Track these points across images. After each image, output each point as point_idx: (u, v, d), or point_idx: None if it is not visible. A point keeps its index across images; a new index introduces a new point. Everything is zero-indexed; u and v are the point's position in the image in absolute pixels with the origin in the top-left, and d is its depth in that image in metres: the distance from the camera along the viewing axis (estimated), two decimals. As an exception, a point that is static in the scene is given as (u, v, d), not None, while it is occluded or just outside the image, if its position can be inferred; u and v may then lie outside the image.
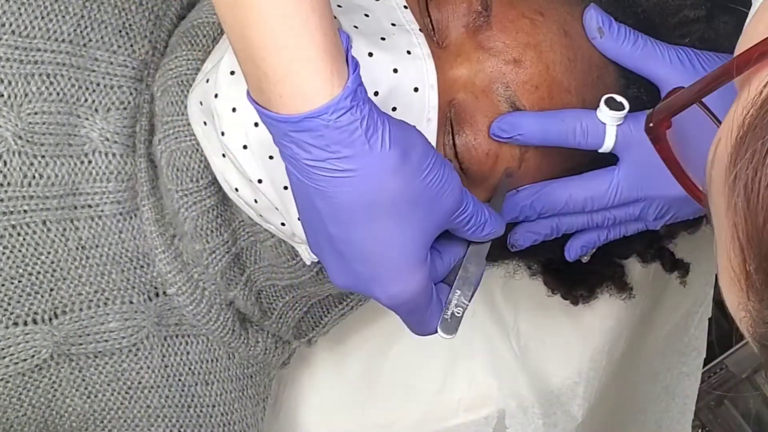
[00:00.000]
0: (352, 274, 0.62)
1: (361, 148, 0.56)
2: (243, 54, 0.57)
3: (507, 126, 0.68)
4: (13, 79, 0.70)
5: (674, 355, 1.07)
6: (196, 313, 0.77)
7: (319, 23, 0.55)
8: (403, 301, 0.63)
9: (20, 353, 0.71)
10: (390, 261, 0.61)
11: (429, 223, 0.61)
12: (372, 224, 0.59)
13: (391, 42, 0.66)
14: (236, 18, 0.56)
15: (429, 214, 0.60)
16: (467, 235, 0.66)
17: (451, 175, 0.61)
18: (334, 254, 0.62)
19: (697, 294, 1.05)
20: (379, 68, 0.65)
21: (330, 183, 0.57)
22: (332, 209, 0.59)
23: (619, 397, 1.04)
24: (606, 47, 0.71)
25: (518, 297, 0.97)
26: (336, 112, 0.55)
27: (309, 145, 0.56)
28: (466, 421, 0.96)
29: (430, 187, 0.60)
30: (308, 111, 0.55)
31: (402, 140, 0.58)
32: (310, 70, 0.55)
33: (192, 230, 0.74)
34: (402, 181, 0.58)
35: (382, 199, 0.58)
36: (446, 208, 0.61)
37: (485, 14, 0.69)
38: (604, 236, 0.75)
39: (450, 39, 0.70)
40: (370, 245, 0.60)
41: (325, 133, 0.55)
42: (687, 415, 1.08)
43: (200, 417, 0.79)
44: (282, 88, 0.55)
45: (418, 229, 0.60)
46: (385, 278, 0.61)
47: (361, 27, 0.66)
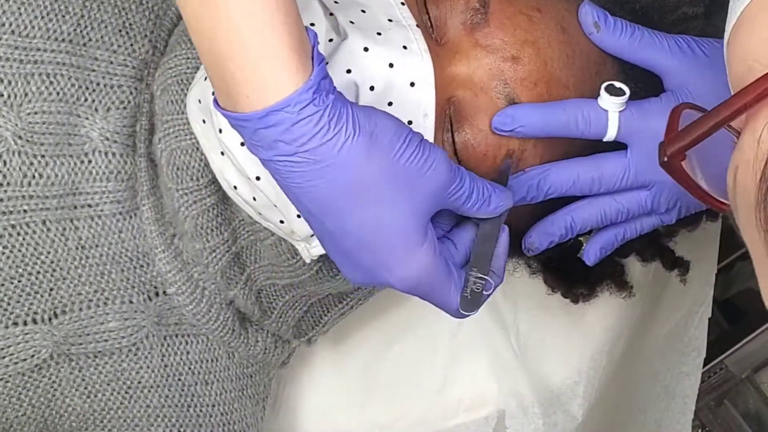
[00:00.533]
0: (360, 266, 0.63)
1: (328, 138, 0.57)
2: (209, 56, 0.58)
3: (508, 119, 0.68)
4: (12, 79, 0.70)
5: (674, 355, 1.07)
6: (196, 312, 0.77)
7: (284, 21, 0.56)
8: (415, 283, 0.63)
9: (20, 353, 0.71)
10: (388, 244, 0.61)
11: (418, 201, 0.61)
12: (359, 211, 0.60)
13: (387, 37, 0.66)
14: (202, 19, 0.57)
15: (415, 192, 0.60)
16: (474, 212, 0.66)
17: (432, 151, 0.61)
18: (339, 250, 0.63)
19: (697, 294, 1.05)
20: (375, 63, 0.65)
21: (305, 177, 0.58)
22: (317, 204, 0.59)
23: (619, 397, 1.04)
24: (604, 41, 0.71)
25: (518, 296, 0.97)
26: (299, 104, 0.56)
27: (277, 142, 0.57)
28: (466, 421, 0.96)
29: (409, 166, 0.60)
30: (271, 105, 0.56)
31: (369, 125, 0.58)
32: (274, 66, 0.56)
33: (192, 229, 0.74)
34: (376, 165, 0.59)
35: (361, 185, 0.59)
36: (434, 184, 0.61)
37: (483, 11, 0.69)
38: (621, 235, 0.74)
39: (448, 36, 0.70)
40: (365, 232, 0.60)
41: (290, 126, 0.56)
42: (687, 415, 1.08)
43: (200, 417, 0.79)
44: (247, 87, 0.56)
45: (407, 208, 0.60)
46: (390, 262, 0.62)
47: (358, 22, 0.67)
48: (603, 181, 0.71)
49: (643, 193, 0.72)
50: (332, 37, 0.66)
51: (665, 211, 0.73)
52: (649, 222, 0.74)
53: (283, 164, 0.58)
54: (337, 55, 0.65)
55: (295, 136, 0.56)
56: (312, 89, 0.56)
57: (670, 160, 0.47)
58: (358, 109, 0.58)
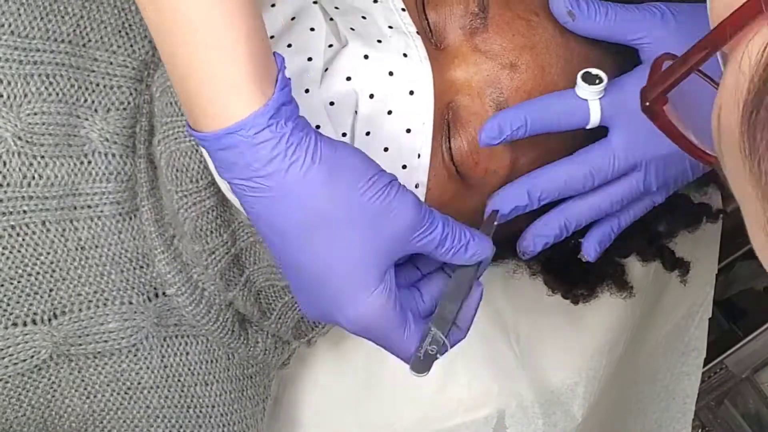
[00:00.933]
0: (313, 301, 0.62)
1: (282, 166, 0.56)
2: (173, 72, 0.58)
3: (494, 132, 0.67)
4: (12, 80, 0.70)
5: (674, 355, 1.07)
6: (196, 313, 0.77)
7: (246, 44, 0.56)
8: (365, 327, 0.62)
9: (19, 354, 0.71)
10: (339, 283, 0.60)
11: (377, 243, 0.59)
12: (312, 244, 0.59)
13: (387, 45, 0.66)
14: (164, 34, 0.57)
15: (373, 234, 0.59)
16: (449, 258, 0.63)
17: (400, 193, 0.60)
18: (294, 281, 0.62)
19: (697, 294, 1.05)
20: (375, 71, 0.65)
21: (257, 203, 0.58)
22: (272, 231, 0.59)
23: (619, 397, 1.04)
24: (581, 28, 0.70)
25: (518, 297, 0.97)
26: (253, 128, 0.55)
27: (232, 164, 0.57)
28: (466, 421, 0.96)
29: (370, 206, 0.59)
30: (226, 127, 0.55)
31: (333, 157, 0.57)
32: (232, 89, 0.56)
33: (191, 231, 0.74)
34: (332, 200, 0.58)
35: (314, 218, 0.58)
36: (397, 227, 0.60)
37: (482, 16, 0.70)
38: (616, 226, 0.74)
39: (447, 41, 0.70)
40: (317, 267, 0.60)
41: (244, 150, 0.56)
42: (687, 415, 1.08)
43: (200, 417, 0.79)
44: (207, 107, 0.56)
45: (363, 249, 0.59)
46: (340, 301, 0.61)
47: (358, 29, 0.67)
48: (595, 174, 0.70)
49: (633, 176, 0.71)
50: (332, 42, 0.66)
51: (656, 191, 0.72)
52: (641, 206, 0.74)
53: (240, 187, 0.58)
54: (338, 62, 0.65)
55: (250, 160, 0.56)
56: (268, 115, 0.56)
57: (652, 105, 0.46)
58: (322, 140, 0.58)
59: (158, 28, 0.57)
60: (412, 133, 0.67)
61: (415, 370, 0.63)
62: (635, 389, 1.07)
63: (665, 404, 1.08)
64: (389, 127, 0.67)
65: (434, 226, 0.62)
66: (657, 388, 1.07)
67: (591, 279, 0.86)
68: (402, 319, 0.62)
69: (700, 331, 1.07)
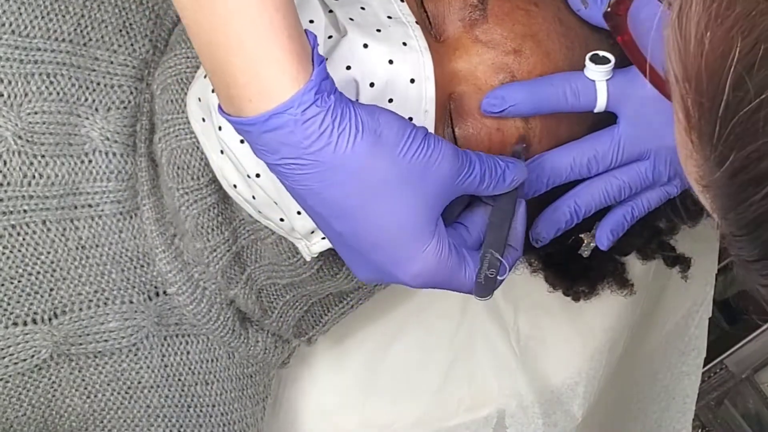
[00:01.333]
0: (371, 265, 0.62)
1: (333, 139, 0.56)
2: (210, 62, 0.58)
3: (497, 100, 0.68)
4: (13, 79, 0.70)
5: (674, 355, 1.07)
6: (196, 312, 0.77)
7: (283, 24, 0.56)
8: (429, 279, 0.62)
9: (20, 353, 0.71)
10: (398, 242, 0.60)
11: (428, 195, 0.60)
12: (367, 210, 0.59)
13: (386, 34, 0.66)
14: (201, 24, 0.56)
15: (424, 186, 0.60)
16: (490, 191, 0.64)
17: (437, 143, 0.60)
18: (349, 250, 0.62)
19: (697, 294, 1.05)
20: (375, 60, 0.65)
21: (312, 179, 0.58)
22: (325, 205, 0.59)
23: (619, 397, 1.04)
24: (593, 16, 0.70)
25: (518, 296, 0.97)
26: (301, 105, 0.55)
27: (282, 144, 0.56)
28: (466, 420, 0.96)
29: (415, 161, 0.59)
30: (274, 107, 0.55)
31: (372, 123, 0.58)
32: (275, 69, 0.56)
33: (193, 228, 0.74)
34: (383, 162, 0.58)
35: (367, 184, 0.58)
36: (442, 175, 0.61)
37: (481, 7, 0.70)
38: (629, 214, 0.73)
39: (447, 33, 0.70)
40: (374, 232, 0.60)
41: (294, 128, 0.56)
42: (687, 415, 1.08)
43: (200, 417, 0.79)
44: (249, 91, 0.56)
45: (416, 204, 0.60)
46: (402, 260, 0.61)
47: (357, 19, 0.67)
48: (599, 159, 0.70)
49: (642, 164, 0.71)
50: (331, 33, 0.66)
51: (668, 182, 0.72)
52: (655, 196, 0.73)
53: (290, 167, 0.57)
54: (337, 51, 0.65)
55: (300, 138, 0.56)
56: (314, 90, 0.56)
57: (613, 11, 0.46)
58: (360, 108, 0.58)
59: (194, 15, 0.57)
60: (414, 121, 0.67)
61: (478, 295, 0.64)
62: (635, 389, 1.07)
63: (665, 404, 1.08)
64: None
65: (473, 166, 0.62)
66: (657, 388, 1.07)
67: (591, 276, 0.86)
68: (459, 259, 0.63)
69: (700, 331, 1.07)
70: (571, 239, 0.82)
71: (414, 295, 0.94)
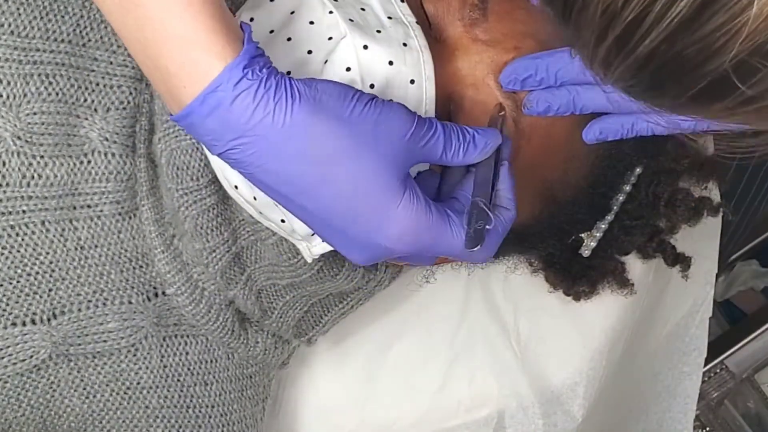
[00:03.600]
0: (355, 241, 0.61)
1: (270, 109, 0.56)
2: (146, 61, 0.58)
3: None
4: (12, 80, 0.70)
5: (675, 355, 1.06)
6: (196, 313, 0.77)
7: (204, 7, 0.57)
8: (413, 239, 0.61)
9: (19, 354, 0.71)
10: (367, 204, 0.60)
11: (385, 153, 0.59)
12: (327, 178, 0.59)
13: (386, 35, 0.66)
14: (129, 25, 0.58)
15: (377, 146, 0.59)
16: (461, 159, 0.64)
17: (386, 103, 0.60)
18: (329, 229, 0.62)
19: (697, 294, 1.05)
20: (375, 61, 0.65)
21: (261, 157, 0.58)
22: (284, 182, 0.59)
23: (620, 397, 1.04)
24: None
25: (518, 297, 0.97)
26: (231, 80, 0.56)
27: (223, 126, 0.57)
28: (466, 421, 0.96)
29: (363, 122, 0.59)
30: (206, 87, 0.56)
31: (310, 91, 0.58)
32: (200, 49, 0.56)
33: (192, 229, 0.74)
34: (327, 127, 0.58)
35: (318, 151, 0.58)
36: (396, 133, 0.60)
37: (481, 7, 0.70)
38: (628, 125, 0.70)
39: (447, 33, 0.70)
40: (343, 200, 0.59)
41: (229, 106, 0.56)
42: (688, 415, 1.08)
43: (199, 417, 0.78)
44: (182, 77, 0.57)
45: (374, 163, 0.59)
46: (376, 224, 0.60)
47: (357, 20, 0.67)
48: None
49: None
50: (332, 35, 0.66)
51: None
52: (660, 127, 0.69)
53: (238, 150, 0.57)
54: (337, 53, 0.65)
55: (237, 114, 0.56)
56: (242, 64, 0.56)
57: None
58: (297, 80, 0.58)
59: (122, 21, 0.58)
60: None
61: (469, 246, 0.63)
62: (636, 389, 1.07)
63: (666, 404, 1.08)
64: None
65: (433, 128, 0.62)
66: (658, 388, 1.07)
67: (592, 276, 0.86)
68: (442, 217, 0.62)
69: (700, 331, 1.06)
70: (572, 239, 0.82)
71: (414, 295, 0.94)
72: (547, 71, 0.68)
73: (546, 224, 0.76)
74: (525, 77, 0.68)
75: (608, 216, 0.81)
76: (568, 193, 0.75)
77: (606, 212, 0.81)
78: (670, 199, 0.81)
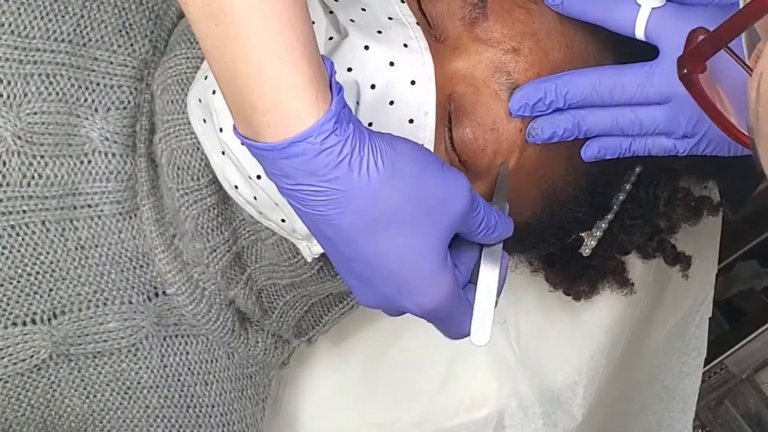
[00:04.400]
0: (378, 293, 0.62)
1: (350, 168, 0.56)
2: (229, 86, 0.57)
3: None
4: (12, 79, 0.70)
5: (675, 355, 1.07)
6: (196, 312, 0.77)
7: (304, 52, 0.56)
8: (434, 308, 0.62)
9: (19, 353, 0.71)
10: (411, 272, 0.60)
11: (440, 228, 0.60)
12: (381, 241, 0.59)
13: (387, 35, 0.66)
14: (222, 51, 0.56)
15: (439, 218, 0.60)
16: (478, 238, 0.65)
17: (455, 177, 0.61)
18: (356, 276, 0.62)
19: (697, 294, 1.05)
20: (376, 61, 0.65)
21: (326, 206, 0.57)
22: (338, 233, 0.59)
23: (620, 397, 1.04)
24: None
25: (518, 297, 0.97)
26: (321, 135, 0.55)
27: (298, 171, 0.56)
28: (466, 421, 0.96)
29: (432, 193, 0.59)
30: (294, 136, 0.55)
31: (390, 152, 0.58)
32: (295, 96, 0.55)
33: (193, 229, 0.74)
34: (400, 193, 0.58)
35: (383, 215, 0.58)
36: (457, 209, 0.61)
37: (481, 6, 0.70)
38: (626, 145, 0.71)
39: (447, 32, 0.70)
40: (386, 262, 0.60)
41: (312, 158, 0.56)
42: (688, 415, 1.08)
43: (199, 417, 0.79)
44: (269, 117, 0.56)
45: (431, 235, 0.60)
46: (412, 290, 0.61)
47: (358, 21, 0.67)
48: (625, 87, 0.68)
49: (663, 108, 0.68)
50: (332, 35, 0.66)
51: (681, 138, 0.70)
52: (661, 144, 0.71)
53: (306, 193, 0.57)
54: (338, 53, 0.65)
55: (318, 166, 0.56)
56: (333, 120, 0.56)
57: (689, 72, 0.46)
58: (378, 137, 0.58)
59: (215, 41, 0.56)
60: (414, 123, 0.67)
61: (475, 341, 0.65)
62: (635, 389, 1.07)
63: (666, 404, 1.08)
64: (391, 117, 0.67)
65: (478, 208, 0.63)
66: (657, 388, 1.07)
67: (592, 275, 0.86)
68: (459, 296, 0.63)
69: (700, 331, 1.06)
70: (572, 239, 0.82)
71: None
72: (556, 94, 0.68)
73: (546, 223, 0.77)
74: (535, 102, 0.68)
75: (608, 215, 0.81)
76: (568, 192, 0.75)
77: (606, 211, 0.81)
78: (670, 198, 0.81)
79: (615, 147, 0.71)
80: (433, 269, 0.61)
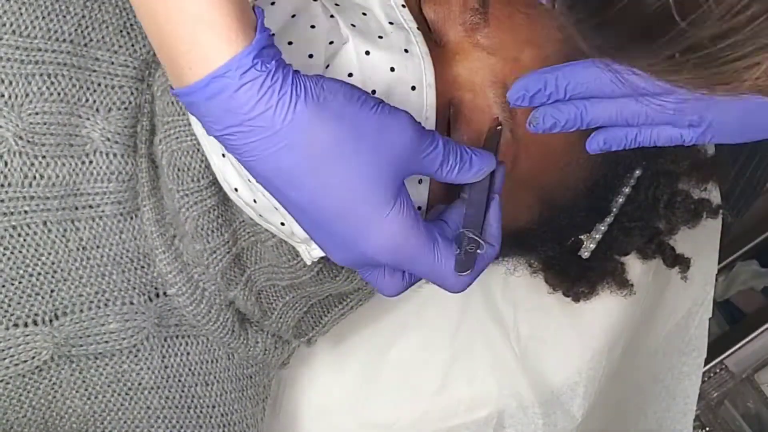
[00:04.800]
0: (337, 240, 0.61)
1: (273, 103, 0.56)
2: (155, 36, 0.58)
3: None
4: (14, 79, 0.70)
5: (675, 355, 1.07)
6: (196, 313, 0.77)
7: None
8: (393, 249, 0.60)
9: (20, 355, 0.71)
10: (355, 209, 0.59)
11: (381, 162, 0.59)
12: (319, 176, 0.58)
13: (388, 41, 0.66)
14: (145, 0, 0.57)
15: (376, 153, 0.59)
16: (454, 177, 0.63)
17: (393, 112, 0.59)
18: (313, 226, 0.61)
19: (697, 294, 1.05)
20: (376, 67, 0.65)
21: (258, 147, 0.57)
22: (277, 175, 0.58)
23: (619, 397, 1.04)
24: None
25: (518, 297, 0.97)
26: (239, 69, 0.55)
27: (224, 111, 0.56)
28: (466, 421, 0.96)
29: (366, 128, 0.58)
30: (213, 70, 0.55)
31: (316, 89, 0.57)
32: (213, 34, 0.55)
33: (193, 230, 0.74)
34: (329, 127, 0.57)
35: (316, 149, 0.57)
36: (398, 145, 0.59)
37: (482, 11, 0.70)
38: (632, 136, 0.70)
39: (448, 37, 0.70)
40: (333, 200, 0.59)
41: (233, 93, 0.55)
42: (688, 415, 1.08)
43: (200, 417, 0.79)
44: (189, 57, 0.56)
45: (373, 169, 0.59)
46: (362, 230, 0.60)
47: (359, 25, 0.67)
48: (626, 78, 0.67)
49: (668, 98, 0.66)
50: (333, 39, 0.66)
51: (687, 127, 0.68)
52: (666, 134, 0.69)
53: (235, 137, 0.57)
54: (339, 58, 0.65)
55: (240, 102, 0.56)
56: (252, 54, 0.55)
57: None
58: (305, 76, 0.58)
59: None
60: None
61: (460, 270, 0.63)
62: (635, 389, 1.07)
63: (666, 404, 1.08)
64: None
65: (435, 143, 0.61)
66: (657, 388, 1.07)
67: (591, 276, 0.86)
68: (429, 238, 0.62)
69: (700, 331, 1.07)
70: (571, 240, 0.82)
71: (414, 295, 0.94)
72: (556, 85, 0.67)
73: (545, 227, 0.77)
74: (534, 93, 0.67)
75: (608, 218, 0.81)
76: (567, 197, 0.75)
77: (605, 214, 0.81)
78: (669, 201, 0.82)
79: (621, 138, 0.70)
80: (376, 203, 0.59)
